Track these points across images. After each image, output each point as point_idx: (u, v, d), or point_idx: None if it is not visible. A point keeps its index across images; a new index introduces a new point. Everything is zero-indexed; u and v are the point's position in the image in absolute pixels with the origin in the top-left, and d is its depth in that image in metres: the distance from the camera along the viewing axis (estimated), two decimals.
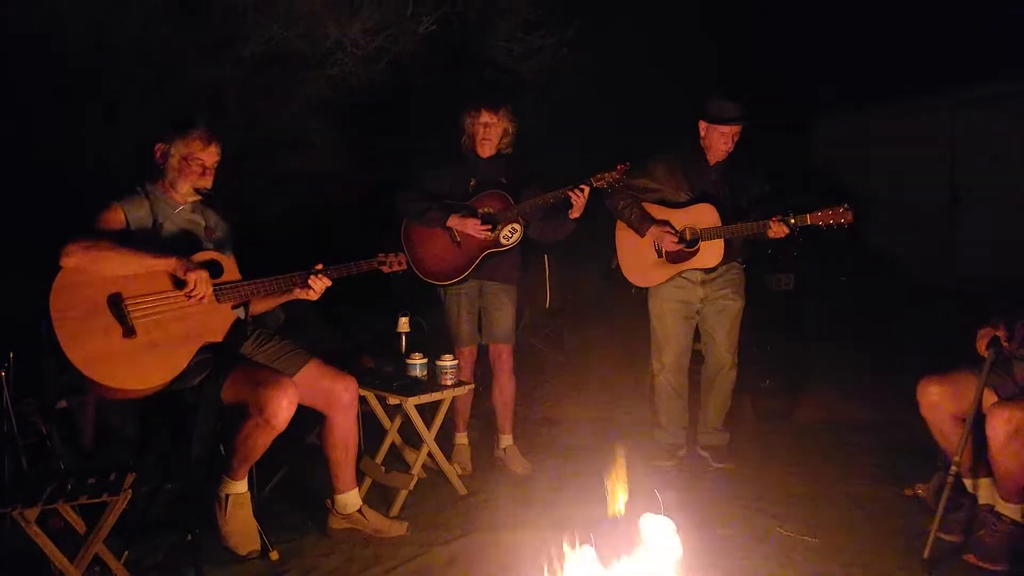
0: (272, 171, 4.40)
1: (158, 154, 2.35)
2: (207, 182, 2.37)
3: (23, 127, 3.59)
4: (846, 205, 2.81)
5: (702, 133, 3.08)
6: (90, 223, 2.23)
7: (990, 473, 2.39)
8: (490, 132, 3.08)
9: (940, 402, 2.43)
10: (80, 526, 2.17)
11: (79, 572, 2.04)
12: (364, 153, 4.68)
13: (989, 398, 2.35)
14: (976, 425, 2.30)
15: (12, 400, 2.48)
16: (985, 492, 2.44)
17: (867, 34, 8.12)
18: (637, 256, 3.21)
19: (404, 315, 3.07)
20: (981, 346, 2.35)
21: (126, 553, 2.27)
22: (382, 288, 3.66)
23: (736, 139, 3.03)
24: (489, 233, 3.02)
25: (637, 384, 4.24)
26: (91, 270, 2.14)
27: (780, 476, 3.10)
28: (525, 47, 5.19)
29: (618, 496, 1.76)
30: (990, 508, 2.39)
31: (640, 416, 3.85)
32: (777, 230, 2.87)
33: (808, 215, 2.87)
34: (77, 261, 2.12)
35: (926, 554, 2.26)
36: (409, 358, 2.96)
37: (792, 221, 2.88)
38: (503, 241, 3.06)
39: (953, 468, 2.29)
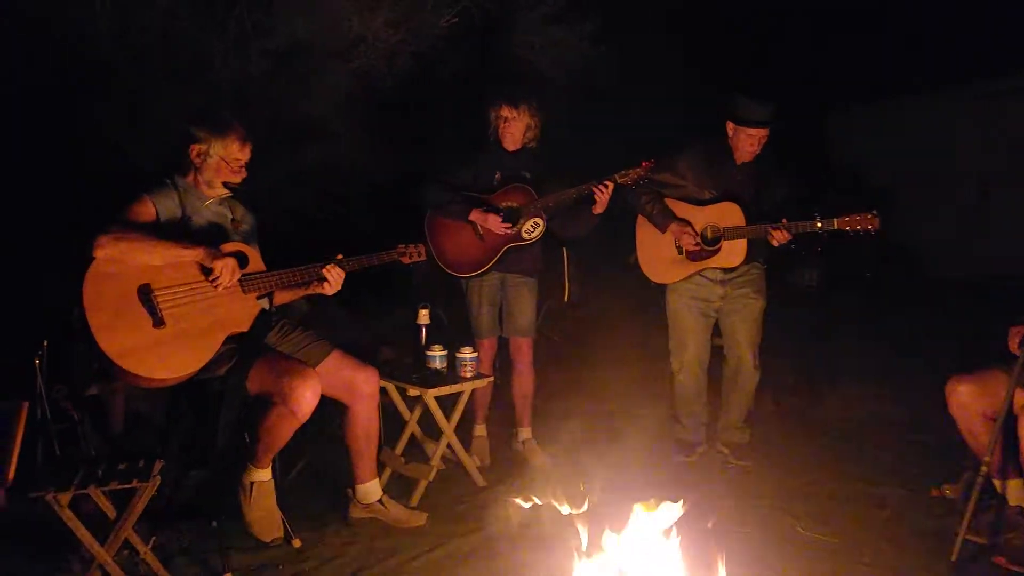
0: (295, 163, 4.44)
1: (194, 154, 2.37)
2: (239, 177, 2.41)
3: (52, 121, 3.66)
4: (874, 211, 2.79)
5: (729, 133, 3.04)
6: (121, 215, 2.26)
7: (1021, 474, 2.35)
8: (511, 126, 3.07)
9: (970, 401, 2.39)
10: (110, 511, 2.22)
11: (109, 555, 2.09)
12: (386, 145, 4.70)
13: (1021, 398, 2.30)
14: (1007, 425, 2.25)
15: (45, 387, 2.54)
16: (1015, 493, 2.40)
17: (897, 25, 7.95)
18: (657, 252, 3.19)
19: (424, 307, 3.08)
20: (1013, 344, 2.31)
21: (153, 538, 2.32)
22: (402, 280, 3.68)
23: (764, 142, 2.99)
24: (511, 229, 3.01)
25: (657, 379, 4.21)
26: (122, 261, 2.18)
27: (802, 474, 3.07)
28: (546, 40, 5.17)
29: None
30: (1021, 510, 2.35)
31: (659, 411, 3.82)
32: (779, 237, 2.86)
33: (836, 219, 2.84)
34: (108, 252, 2.17)
35: (954, 556, 2.22)
36: (429, 350, 2.97)
37: (819, 225, 2.86)
38: (525, 235, 3.06)
39: (982, 468, 2.25)
